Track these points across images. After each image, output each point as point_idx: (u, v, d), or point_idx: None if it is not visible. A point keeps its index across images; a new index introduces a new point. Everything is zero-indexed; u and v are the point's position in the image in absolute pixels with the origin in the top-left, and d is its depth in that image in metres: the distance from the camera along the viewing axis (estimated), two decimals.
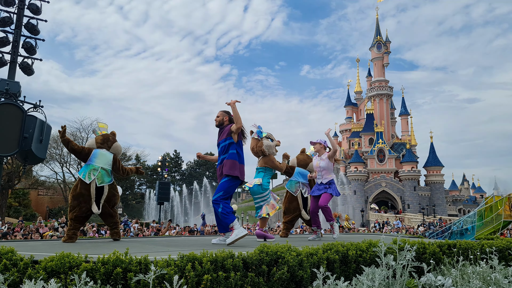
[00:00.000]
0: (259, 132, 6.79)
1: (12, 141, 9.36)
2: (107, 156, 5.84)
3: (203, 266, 2.56)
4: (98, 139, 5.95)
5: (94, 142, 5.93)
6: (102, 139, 5.95)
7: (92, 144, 5.91)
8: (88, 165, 5.67)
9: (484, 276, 3.40)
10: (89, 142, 6.00)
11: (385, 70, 77.21)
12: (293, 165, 7.65)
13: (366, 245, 3.63)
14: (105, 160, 5.78)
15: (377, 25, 78.22)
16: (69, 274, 2.32)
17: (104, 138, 5.98)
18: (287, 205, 7.59)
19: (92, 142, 5.95)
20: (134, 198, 72.00)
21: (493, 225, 14.80)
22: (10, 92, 9.75)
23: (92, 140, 5.97)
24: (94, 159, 5.71)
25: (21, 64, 10.85)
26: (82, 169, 5.66)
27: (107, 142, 5.96)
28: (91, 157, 5.72)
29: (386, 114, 75.31)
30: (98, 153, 5.79)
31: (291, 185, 7.55)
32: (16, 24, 10.82)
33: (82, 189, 5.52)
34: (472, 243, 4.54)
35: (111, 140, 6.03)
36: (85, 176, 5.55)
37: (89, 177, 5.55)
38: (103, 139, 5.96)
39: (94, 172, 5.61)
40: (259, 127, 6.81)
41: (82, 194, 5.51)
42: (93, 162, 5.69)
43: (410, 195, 66.17)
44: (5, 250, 2.46)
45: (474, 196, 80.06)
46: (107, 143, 5.95)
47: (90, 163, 5.68)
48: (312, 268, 3.02)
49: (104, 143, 5.92)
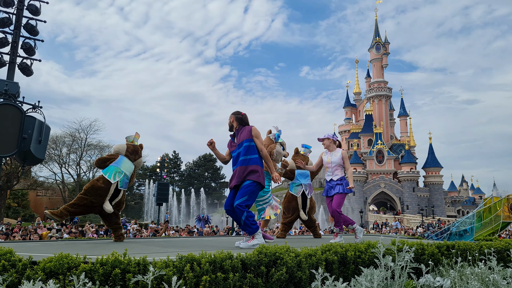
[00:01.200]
0: (278, 136, 6.92)
1: (11, 142, 9.35)
2: (130, 165, 6.00)
3: (202, 267, 2.57)
4: (129, 148, 6.05)
5: (125, 149, 6.03)
6: (133, 150, 6.07)
7: (122, 150, 6.01)
8: (115, 167, 5.80)
9: (483, 277, 3.41)
10: (120, 146, 6.07)
11: (384, 71, 77.36)
12: (292, 168, 7.63)
13: (365, 246, 3.63)
14: (129, 168, 5.95)
15: (376, 27, 78.37)
16: (67, 275, 2.32)
17: (135, 149, 6.10)
18: (286, 204, 7.58)
19: (123, 148, 6.03)
20: (133, 199, 71.92)
21: (492, 226, 14.82)
22: (9, 92, 9.74)
23: (124, 147, 6.04)
24: (121, 163, 5.87)
25: (20, 65, 10.84)
26: (108, 169, 5.77)
27: (135, 155, 6.10)
28: (118, 161, 5.87)
29: (385, 115, 75.41)
30: (124, 160, 5.94)
31: (295, 189, 7.54)
32: (15, 25, 10.81)
33: (104, 185, 5.65)
34: (471, 244, 4.54)
35: (139, 154, 6.18)
36: (111, 176, 5.70)
37: (114, 178, 5.72)
38: (134, 150, 6.08)
39: (119, 175, 5.77)
40: (279, 131, 6.96)
41: (103, 188, 5.62)
42: (120, 166, 5.84)
43: (409, 196, 66.24)
44: (4, 251, 2.46)
45: (473, 197, 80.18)
46: (135, 156, 6.08)
47: (117, 166, 5.82)
48: (311, 269, 3.02)
49: (132, 154, 6.05)
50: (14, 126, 9.40)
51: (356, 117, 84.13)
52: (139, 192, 78.15)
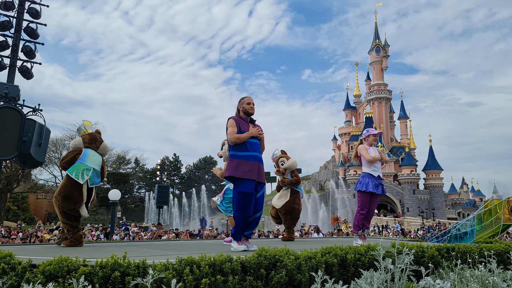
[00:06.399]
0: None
1: (11, 145, 9.36)
2: (97, 157, 5.50)
3: (201, 270, 2.57)
4: (86, 138, 5.52)
5: (81, 141, 5.49)
6: (90, 139, 5.54)
7: (80, 144, 5.47)
8: (80, 164, 5.23)
9: (483, 280, 3.40)
10: (76, 141, 5.54)
11: (384, 73, 77.47)
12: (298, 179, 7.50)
13: (365, 248, 3.63)
14: (96, 161, 5.43)
15: (376, 29, 78.53)
16: (67, 278, 2.32)
17: (92, 137, 5.57)
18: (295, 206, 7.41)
19: (79, 141, 5.50)
20: (133, 202, 71.86)
21: (492, 228, 14.80)
22: (9, 95, 9.76)
23: (80, 139, 5.52)
24: (86, 159, 5.30)
25: (20, 68, 10.87)
26: (72, 168, 5.17)
27: (95, 142, 5.57)
28: (82, 156, 5.29)
29: (385, 117, 75.45)
30: (89, 153, 5.39)
31: None
32: (15, 28, 10.84)
33: (73, 190, 5.09)
34: (471, 246, 4.54)
35: (99, 140, 5.63)
36: (79, 176, 5.11)
37: (82, 177, 5.14)
38: (91, 138, 5.55)
39: (87, 172, 5.21)
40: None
41: (76, 195, 5.09)
42: (85, 162, 5.27)
43: (409, 199, 66.18)
44: (3, 254, 2.46)
45: (473, 199, 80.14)
46: (95, 143, 5.56)
47: (82, 162, 5.25)
48: (311, 271, 3.02)
49: (92, 143, 5.52)
50: (14, 129, 9.41)
51: (356, 119, 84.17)
52: (139, 195, 78.08)
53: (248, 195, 4.64)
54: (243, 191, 4.62)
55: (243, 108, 5.00)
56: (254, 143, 4.82)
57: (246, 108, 4.98)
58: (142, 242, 7.57)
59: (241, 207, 4.67)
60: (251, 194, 4.66)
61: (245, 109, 4.99)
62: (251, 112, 4.99)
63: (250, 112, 4.98)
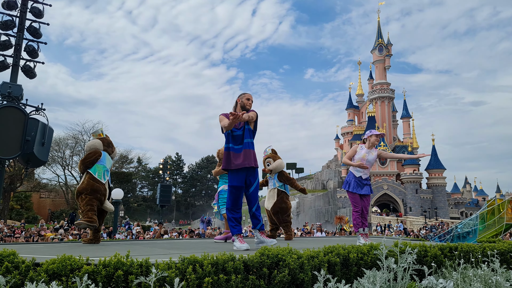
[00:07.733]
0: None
1: (14, 144, 9.38)
2: (111, 160, 5.77)
3: (204, 268, 2.57)
4: (104, 142, 5.77)
5: (102, 144, 5.71)
6: (108, 143, 5.81)
7: (100, 146, 5.69)
8: (100, 165, 5.52)
9: (486, 279, 3.39)
10: (96, 143, 5.71)
11: (387, 72, 77.22)
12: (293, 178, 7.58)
13: (368, 248, 3.62)
14: (109, 163, 5.70)
15: (379, 28, 78.29)
16: (70, 277, 2.32)
17: (109, 141, 5.85)
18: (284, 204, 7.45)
19: (100, 144, 5.71)
20: (135, 201, 71.99)
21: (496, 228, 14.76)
22: (12, 95, 9.78)
23: (100, 142, 5.72)
24: (105, 161, 5.58)
25: (23, 67, 10.89)
26: (95, 168, 5.45)
27: (111, 147, 5.85)
28: (102, 158, 5.57)
29: (387, 116, 75.25)
30: (106, 156, 5.66)
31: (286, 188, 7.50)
32: (18, 28, 10.86)
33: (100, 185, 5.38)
34: (474, 246, 4.52)
35: (113, 146, 5.93)
36: (101, 176, 5.44)
37: (103, 177, 5.46)
38: (108, 142, 5.82)
39: (107, 173, 5.54)
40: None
41: (102, 189, 5.38)
42: (105, 163, 5.56)
43: (412, 198, 66.00)
44: (7, 253, 2.47)
45: (476, 199, 79.86)
46: (111, 148, 5.84)
47: (102, 163, 5.54)
48: (313, 271, 3.02)
49: (109, 147, 5.79)
50: (18, 129, 9.44)
51: (359, 118, 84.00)
52: (142, 194, 78.22)
53: (238, 188, 4.93)
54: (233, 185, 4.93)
55: (241, 102, 5.19)
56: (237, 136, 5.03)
57: (244, 103, 5.18)
58: (145, 241, 7.58)
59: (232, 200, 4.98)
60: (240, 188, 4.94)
61: (243, 103, 5.18)
62: (248, 108, 5.19)
63: (247, 107, 5.18)
